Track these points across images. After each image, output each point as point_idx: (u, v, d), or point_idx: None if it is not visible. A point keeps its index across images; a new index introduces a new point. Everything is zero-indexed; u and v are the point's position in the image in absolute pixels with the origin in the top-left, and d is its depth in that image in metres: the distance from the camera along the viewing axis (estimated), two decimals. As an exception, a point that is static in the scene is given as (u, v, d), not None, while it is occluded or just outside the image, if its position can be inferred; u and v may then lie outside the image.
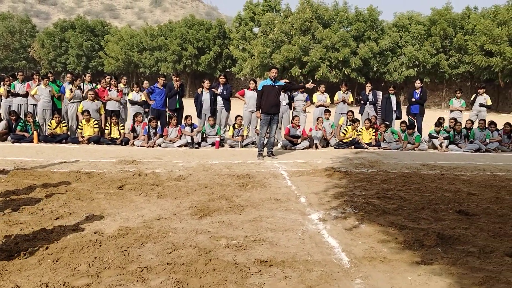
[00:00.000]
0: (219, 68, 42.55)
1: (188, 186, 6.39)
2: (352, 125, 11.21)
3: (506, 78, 30.25)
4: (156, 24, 53.25)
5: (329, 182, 6.88)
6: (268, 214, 5.08)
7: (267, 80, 9.28)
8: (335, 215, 5.10)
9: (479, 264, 3.63)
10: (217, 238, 4.24)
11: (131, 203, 5.52)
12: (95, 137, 10.80)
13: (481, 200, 5.85)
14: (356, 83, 34.33)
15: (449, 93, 35.01)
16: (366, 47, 32.65)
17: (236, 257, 3.78)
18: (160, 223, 4.73)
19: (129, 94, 11.75)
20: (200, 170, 7.69)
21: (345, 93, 12.09)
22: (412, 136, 11.12)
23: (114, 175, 7.05)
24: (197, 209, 5.22)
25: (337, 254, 3.91)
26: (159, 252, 3.88)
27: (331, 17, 34.79)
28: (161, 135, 10.79)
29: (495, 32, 29.06)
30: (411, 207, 5.41)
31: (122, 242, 4.10)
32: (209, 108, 11.34)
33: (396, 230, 4.55)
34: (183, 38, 42.72)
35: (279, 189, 6.36)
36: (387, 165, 8.54)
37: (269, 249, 4.01)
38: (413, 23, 34.87)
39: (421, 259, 3.77)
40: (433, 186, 6.64)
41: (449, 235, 4.29)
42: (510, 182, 7.14)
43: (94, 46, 50.43)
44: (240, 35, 39.22)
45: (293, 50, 32.68)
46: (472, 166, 8.64)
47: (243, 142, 10.85)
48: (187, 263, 3.65)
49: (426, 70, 33.79)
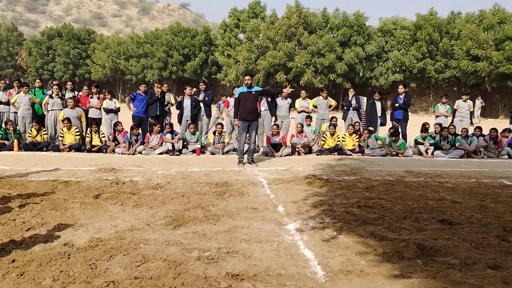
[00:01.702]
0: (204, 74, 42.44)
1: (164, 195, 6.22)
2: (330, 131, 11.02)
3: (493, 83, 30.52)
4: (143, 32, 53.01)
5: (309, 190, 6.73)
6: (244, 224, 4.92)
7: (243, 87, 9.19)
8: (313, 225, 4.95)
9: (459, 277, 3.50)
10: (189, 250, 4.08)
11: (105, 212, 5.35)
12: (76, 144, 10.58)
13: (465, 208, 5.74)
14: (341, 88, 34.41)
15: (436, 97, 35.23)
16: (352, 53, 32.77)
17: (207, 271, 3.62)
18: (132, 234, 4.56)
19: (104, 102, 11.49)
20: (178, 178, 7.51)
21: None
22: (396, 143, 11.04)
23: (91, 183, 6.89)
24: (171, 219, 5.05)
25: (312, 267, 3.75)
26: (128, 265, 3.72)
27: (320, 23, 34.89)
28: (143, 142, 10.59)
29: (481, 36, 29.34)
30: (393, 217, 5.28)
31: (91, 254, 3.95)
32: (190, 115, 11.21)
33: (375, 241, 4.41)
34: (169, 45, 42.59)
35: (257, 197, 6.20)
36: (370, 172, 8.43)
37: (242, 261, 3.84)
38: (398, 28, 35.12)
39: (400, 272, 3.62)
40: (417, 194, 6.52)
41: (430, 246, 4.15)
42: (495, 189, 7.05)
43: (81, 54, 50.10)
44: (225, 41, 39.19)
45: (278, 56, 32.69)
46: (457, 173, 8.55)
47: (225, 149, 10.68)
48: (156, 277, 3.49)
49: (413, 75, 33.99)
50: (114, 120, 11.22)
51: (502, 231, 4.72)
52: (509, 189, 7.13)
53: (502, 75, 29.33)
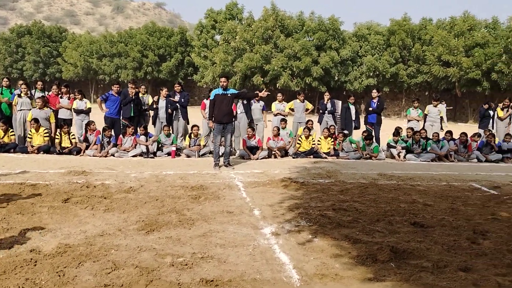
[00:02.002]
0: (180, 75, 42.03)
1: (138, 199, 6.09)
2: (304, 134, 11.06)
3: (463, 88, 31.32)
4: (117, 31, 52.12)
5: (285, 193, 6.72)
6: (219, 228, 4.86)
7: (218, 89, 9.13)
8: (288, 228, 4.93)
9: (432, 280, 3.54)
10: (162, 256, 3.99)
11: (75, 217, 5.19)
12: (45, 146, 10.28)
13: (437, 211, 5.83)
14: (317, 92, 34.67)
15: (408, 102, 35.88)
16: (327, 57, 33.08)
17: (180, 277, 3.54)
18: (103, 239, 4.43)
19: (74, 102, 11.21)
20: (152, 181, 7.38)
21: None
22: (370, 146, 11.18)
23: (60, 187, 6.69)
24: (144, 224, 4.94)
25: (287, 272, 3.73)
26: (97, 272, 3.61)
27: (296, 26, 35.08)
28: (115, 144, 10.37)
29: (452, 43, 30.09)
30: (366, 219, 5.32)
31: (59, 261, 3.81)
32: (165, 116, 11.08)
33: (350, 244, 4.42)
34: (143, 45, 41.99)
35: (233, 201, 6.15)
36: (344, 175, 8.49)
37: (217, 267, 3.78)
38: (372, 33, 35.66)
39: (374, 275, 3.64)
40: (389, 197, 6.60)
41: (403, 249, 4.19)
42: (465, 192, 7.20)
43: (52, 52, 48.81)
44: (201, 42, 38.92)
45: (254, 59, 32.69)
46: (428, 176, 8.70)
47: (201, 151, 10.57)
48: (127, 284, 3.40)
49: (386, 79, 34.54)
50: (85, 121, 10.96)
51: (472, 233, 4.82)
52: (479, 192, 7.30)
53: (471, 80, 30.16)
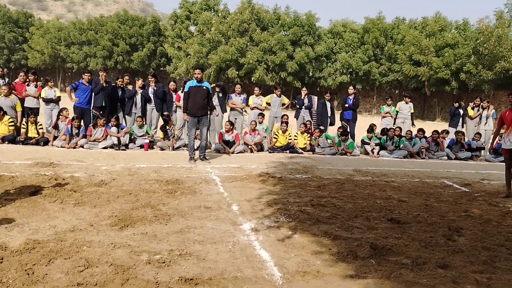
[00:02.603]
0: (152, 66, 41.25)
1: (110, 193, 5.86)
2: (282, 129, 11.04)
3: (432, 87, 32.09)
4: (87, 18, 50.61)
5: (262, 188, 6.64)
6: (197, 224, 4.72)
7: (192, 81, 8.91)
8: (268, 224, 4.85)
9: (412, 277, 3.53)
10: (138, 253, 3.83)
11: (43, 211, 4.95)
12: (10, 136, 9.82)
13: (411, 207, 5.89)
14: (292, 87, 34.77)
15: (379, 99, 36.50)
16: (303, 52, 33.17)
17: (158, 275, 3.40)
18: (74, 235, 4.23)
19: (42, 91, 10.79)
20: (125, 174, 7.14)
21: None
22: (345, 142, 11.24)
23: (27, 179, 6.36)
24: (118, 219, 4.75)
25: (269, 269, 3.65)
26: (69, 270, 3.42)
27: (272, 20, 34.97)
28: (85, 135, 10.01)
29: (423, 43, 30.76)
30: (345, 215, 5.31)
31: (27, 258, 3.60)
32: (140, 108, 10.81)
33: (329, 240, 4.38)
34: (114, 34, 40.94)
35: (210, 196, 6.02)
36: (321, 171, 8.49)
37: (196, 264, 3.66)
38: (347, 30, 35.98)
39: (355, 272, 3.61)
40: (365, 193, 6.62)
41: (382, 246, 4.19)
42: (438, 189, 7.32)
43: (18, 38, 46.97)
44: (175, 33, 38.29)
45: (230, 51, 32.44)
46: (401, 173, 8.82)
47: (175, 144, 10.35)
48: (101, 283, 3.23)
49: (359, 77, 34.99)
50: (55, 110, 10.56)
51: (447, 230, 4.87)
52: (450, 189, 7.44)
53: (440, 80, 30.94)
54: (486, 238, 4.63)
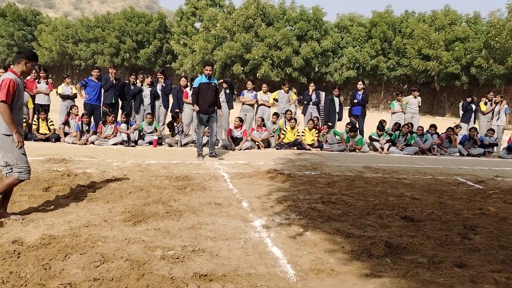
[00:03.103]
0: (159, 63, 41.31)
1: (122, 189, 5.89)
2: (290, 125, 11.00)
3: (442, 82, 31.78)
4: (94, 16, 50.74)
5: (272, 185, 6.62)
6: (208, 221, 4.73)
7: (201, 77, 8.88)
8: (279, 221, 4.84)
9: (429, 276, 3.49)
10: (152, 248, 3.84)
11: (57, 207, 4.99)
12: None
13: (425, 205, 5.82)
14: (297, 82, 34.65)
15: (387, 95, 36.28)
16: (308, 47, 33.01)
17: (173, 271, 3.41)
18: (88, 230, 4.25)
19: (59, 87, 10.87)
20: (135, 170, 7.17)
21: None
22: (354, 138, 11.18)
23: (40, 175, 6.40)
24: (130, 215, 4.77)
25: (282, 266, 3.64)
26: (85, 265, 3.44)
27: (277, 15, 34.82)
28: (95, 131, 10.06)
29: (432, 36, 30.42)
30: (356, 213, 5.28)
31: (44, 253, 3.62)
32: (150, 105, 10.83)
33: (342, 238, 4.36)
34: (121, 31, 41.05)
35: (220, 192, 6.02)
36: (330, 168, 8.45)
37: (209, 260, 3.66)
38: (354, 24, 35.72)
39: (370, 271, 3.58)
40: (377, 190, 6.57)
41: (397, 244, 4.15)
42: (451, 186, 7.24)
43: (27, 36, 47.23)
44: (181, 29, 38.28)
45: (235, 47, 32.35)
46: (413, 170, 8.73)
47: (183, 141, 10.36)
48: (117, 278, 3.24)
49: (366, 71, 34.76)
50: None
51: (462, 228, 4.82)
52: (464, 186, 7.37)
53: (450, 74, 30.63)
54: (503, 237, 4.56)
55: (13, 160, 4.48)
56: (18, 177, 4.51)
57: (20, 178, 4.53)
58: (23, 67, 4.53)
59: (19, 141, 4.41)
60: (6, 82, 4.35)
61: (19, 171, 4.50)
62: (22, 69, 4.54)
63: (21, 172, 4.50)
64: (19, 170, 4.49)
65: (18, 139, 4.40)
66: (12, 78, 4.40)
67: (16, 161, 4.48)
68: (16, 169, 4.49)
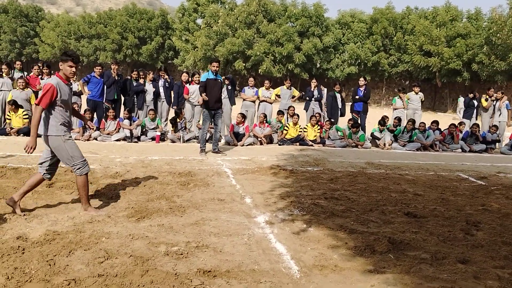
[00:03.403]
0: (160, 59, 41.27)
1: (125, 185, 5.91)
2: (292, 121, 10.99)
3: (443, 78, 31.68)
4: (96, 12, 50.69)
5: (274, 181, 6.63)
6: (212, 216, 4.74)
7: (208, 73, 8.89)
8: (282, 217, 4.85)
9: (432, 272, 3.50)
10: (155, 244, 3.85)
11: (61, 203, 5.02)
12: (25, 128, 9.91)
13: (427, 201, 5.83)
14: (299, 78, 34.57)
15: (388, 91, 36.19)
16: (310, 43, 32.92)
17: (177, 267, 3.43)
18: (92, 226, 4.27)
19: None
20: (138, 166, 7.18)
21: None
22: (356, 134, 11.18)
23: (43, 171, 6.40)
24: (134, 211, 4.79)
25: (286, 262, 3.65)
26: (89, 261, 3.46)
27: (279, 11, 34.73)
28: (98, 127, 10.08)
29: (433, 33, 30.30)
30: (359, 209, 5.28)
31: (48, 249, 3.64)
32: (152, 101, 10.84)
33: (345, 234, 4.37)
34: (123, 27, 40.98)
35: (223, 188, 6.03)
36: (332, 164, 8.45)
37: (213, 256, 3.68)
38: (355, 21, 35.61)
39: (374, 267, 3.59)
40: (379, 186, 6.58)
41: (400, 240, 4.16)
42: (454, 182, 7.24)
43: (29, 32, 47.23)
44: (183, 26, 38.23)
45: (237, 43, 32.29)
46: (415, 166, 8.73)
47: (185, 137, 10.37)
48: (121, 274, 3.25)
49: (367, 68, 34.65)
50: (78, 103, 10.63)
51: (465, 224, 4.83)
52: (466, 182, 7.37)
53: (452, 71, 30.52)
54: (506, 233, 4.57)
55: (69, 159, 4.63)
56: (80, 173, 4.66)
57: (82, 173, 4.68)
58: (62, 70, 4.66)
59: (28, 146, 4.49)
60: (46, 88, 4.50)
61: (77, 168, 4.65)
62: (63, 72, 4.67)
63: (79, 168, 4.66)
64: (77, 167, 4.65)
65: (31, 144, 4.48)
66: (53, 84, 4.51)
67: (72, 159, 4.63)
68: (75, 168, 4.65)
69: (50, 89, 4.46)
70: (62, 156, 4.63)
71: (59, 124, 4.56)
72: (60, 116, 4.57)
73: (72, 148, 4.63)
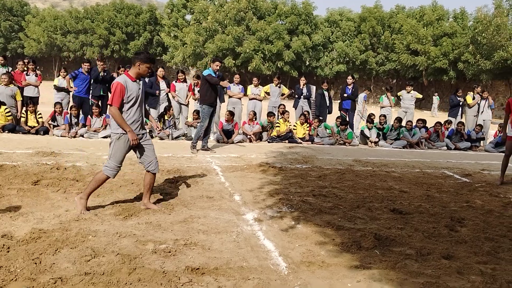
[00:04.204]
0: (149, 55, 41.08)
1: (112, 182, 5.83)
2: (282, 117, 11.03)
3: (430, 77, 32.09)
4: (83, 7, 50.13)
5: (263, 178, 6.65)
6: (200, 214, 4.74)
7: (209, 71, 8.86)
8: (270, 214, 4.88)
9: (417, 268, 3.56)
10: (143, 242, 3.84)
11: (47, 201, 4.95)
12: (10, 125, 9.78)
13: (413, 198, 5.91)
14: (288, 76, 34.68)
15: (376, 89, 36.50)
16: (299, 41, 33.04)
17: (165, 265, 3.42)
18: (79, 224, 4.23)
19: (55, 79, 10.80)
20: (126, 164, 7.04)
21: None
22: (344, 132, 11.26)
23: (29, 168, 6.34)
24: (121, 209, 4.76)
25: (274, 259, 3.67)
26: (76, 259, 3.43)
27: (268, 9, 34.75)
28: (84, 124, 9.99)
29: (420, 32, 30.69)
30: (347, 206, 5.33)
31: (34, 247, 3.60)
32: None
33: (333, 230, 4.41)
34: (111, 22, 40.66)
35: (211, 185, 6.03)
36: (321, 161, 8.51)
37: (201, 254, 3.68)
38: (344, 19, 35.84)
39: (360, 262, 3.63)
40: (366, 183, 6.65)
41: (386, 236, 4.21)
42: (439, 179, 7.34)
43: (13, 26, 46.50)
44: (172, 22, 38.05)
45: (226, 40, 32.26)
46: (401, 163, 8.84)
47: (174, 134, 10.34)
48: (108, 272, 3.23)
49: (355, 66, 34.92)
50: (66, 100, 10.53)
51: (450, 220, 4.90)
52: (451, 179, 7.47)
53: (438, 69, 30.95)
54: (489, 229, 4.66)
55: (110, 155, 4.71)
56: (104, 170, 4.69)
57: (105, 172, 4.69)
58: (137, 68, 4.67)
59: (132, 140, 4.62)
60: (114, 86, 4.56)
61: (106, 166, 4.68)
62: (136, 70, 4.68)
63: (107, 167, 4.68)
64: (108, 164, 4.68)
65: (131, 137, 4.61)
66: (120, 82, 4.56)
67: (110, 157, 4.70)
68: (107, 163, 4.70)
69: (118, 87, 4.52)
70: (109, 149, 4.75)
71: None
72: (125, 114, 4.63)
73: (117, 149, 4.68)
